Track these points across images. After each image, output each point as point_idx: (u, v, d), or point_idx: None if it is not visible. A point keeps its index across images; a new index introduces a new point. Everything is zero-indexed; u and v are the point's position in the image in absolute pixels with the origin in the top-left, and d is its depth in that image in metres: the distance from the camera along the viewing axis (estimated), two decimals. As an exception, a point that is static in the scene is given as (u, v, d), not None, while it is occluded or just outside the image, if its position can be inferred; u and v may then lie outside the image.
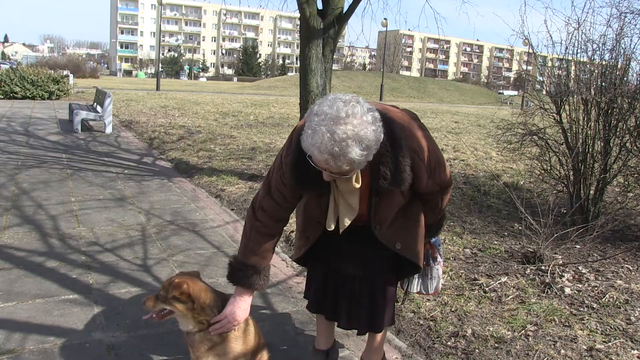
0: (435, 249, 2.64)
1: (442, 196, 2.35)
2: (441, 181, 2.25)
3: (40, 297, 3.51)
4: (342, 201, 2.19)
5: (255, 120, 16.39)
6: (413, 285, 2.66)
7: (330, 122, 1.81)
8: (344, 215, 2.20)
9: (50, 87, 21.65)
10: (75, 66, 50.32)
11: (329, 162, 1.85)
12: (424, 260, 2.56)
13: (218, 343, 2.30)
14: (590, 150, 5.44)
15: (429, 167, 2.15)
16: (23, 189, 6.45)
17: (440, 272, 2.67)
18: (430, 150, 2.15)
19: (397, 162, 2.03)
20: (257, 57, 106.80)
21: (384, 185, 2.06)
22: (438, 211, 2.42)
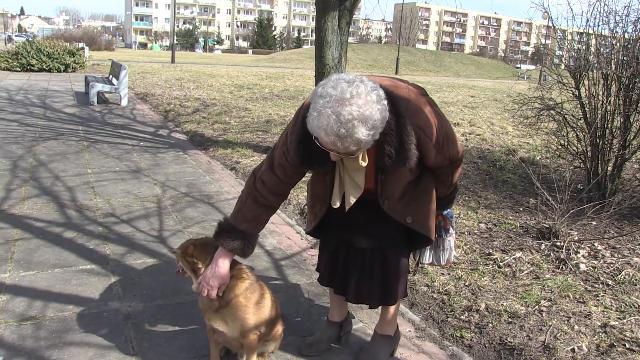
0: (448, 221, 2.63)
1: (453, 170, 2.34)
2: (451, 155, 2.24)
3: (59, 266, 3.57)
4: (348, 179, 2.18)
5: (271, 93, 16.34)
6: (425, 256, 2.68)
7: (335, 103, 1.80)
8: (349, 193, 2.20)
9: (66, 59, 21.70)
10: (90, 39, 50.23)
11: (336, 143, 1.85)
12: (436, 232, 2.58)
13: (223, 307, 2.33)
14: (609, 126, 5.36)
15: (436, 143, 2.14)
16: (41, 160, 6.52)
17: (452, 244, 2.67)
18: (438, 126, 2.13)
19: (401, 140, 2.02)
20: (272, 29, 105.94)
21: (389, 164, 2.06)
22: (449, 184, 2.42)
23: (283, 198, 2.39)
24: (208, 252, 2.35)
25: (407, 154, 2.03)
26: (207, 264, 2.33)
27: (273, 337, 2.53)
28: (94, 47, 46.58)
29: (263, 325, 2.41)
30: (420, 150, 2.10)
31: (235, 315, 2.34)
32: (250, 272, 2.46)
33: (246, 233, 2.34)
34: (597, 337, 2.96)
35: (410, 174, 2.24)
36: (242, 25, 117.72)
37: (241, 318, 2.34)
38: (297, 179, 2.33)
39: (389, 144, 2.02)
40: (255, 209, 2.33)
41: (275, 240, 4.34)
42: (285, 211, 5.18)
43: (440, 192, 2.43)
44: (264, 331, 2.43)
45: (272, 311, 2.47)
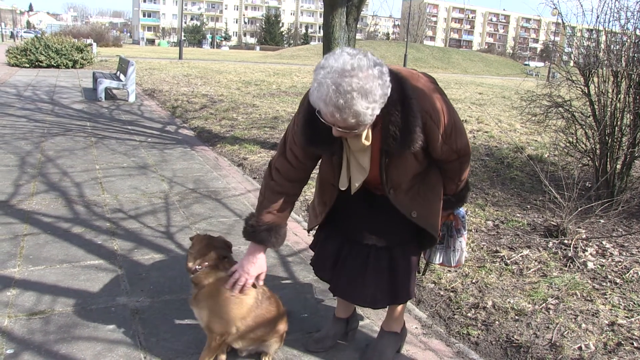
0: (459, 221, 2.59)
1: (461, 165, 2.29)
2: (458, 148, 2.19)
3: (67, 262, 3.59)
4: (354, 161, 2.18)
5: (278, 89, 16.34)
6: (435, 257, 2.65)
7: (336, 74, 1.79)
8: (354, 177, 2.20)
9: (74, 55, 21.81)
10: (98, 35, 50.42)
11: (335, 115, 1.84)
12: (448, 233, 2.58)
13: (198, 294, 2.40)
14: (619, 124, 5.32)
15: (444, 132, 2.10)
16: (49, 156, 6.55)
17: (463, 245, 2.63)
18: (446, 115, 2.10)
19: (407, 122, 1.99)
20: (279, 26, 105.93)
21: (393, 146, 2.04)
22: (457, 181, 2.37)
23: (300, 184, 2.39)
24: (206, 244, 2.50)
25: (412, 136, 2.00)
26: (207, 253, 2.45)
27: (273, 337, 2.52)
28: (102, 44, 46.76)
29: (236, 322, 2.38)
30: (427, 136, 2.06)
31: (203, 304, 2.38)
32: (232, 266, 2.45)
33: (271, 224, 2.37)
34: (604, 336, 2.95)
35: (416, 162, 2.18)
36: (249, 21, 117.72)
37: (207, 308, 2.37)
38: (308, 164, 2.32)
39: (393, 125, 2.00)
40: (275, 199, 2.35)
41: (282, 236, 4.34)
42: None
43: (448, 190, 2.40)
44: (248, 329, 2.41)
45: (259, 310, 2.43)
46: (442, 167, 2.30)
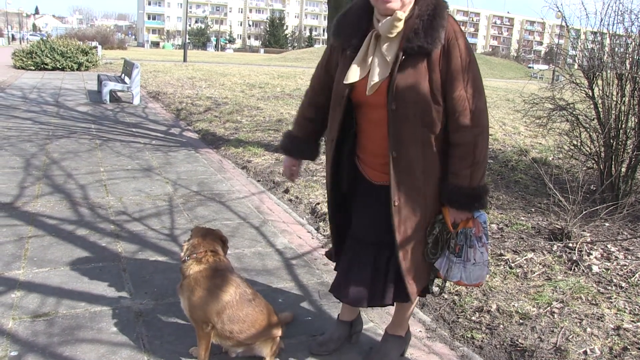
0: (480, 227, 2.29)
1: (475, 139, 2.15)
2: (474, 104, 2.13)
3: (71, 264, 3.60)
4: (378, 56, 2.16)
5: (282, 92, 16.35)
6: (452, 272, 2.34)
7: None
8: (373, 73, 2.15)
9: (79, 58, 21.87)
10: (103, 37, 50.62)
11: None
12: (467, 242, 2.31)
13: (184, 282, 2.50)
14: (624, 127, 5.30)
15: (462, 64, 2.10)
16: (53, 158, 6.57)
17: (485, 257, 2.32)
18: (469, 52, 2.13)
19: (433, 23, 2.08)
20: (284, 28, 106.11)
21: (415, 42, 2.07)
22: (471, 163, 2.17)
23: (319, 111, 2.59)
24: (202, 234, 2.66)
25: (434, 34, 2.06)
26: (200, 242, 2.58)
27: (262, 342, 2.52)
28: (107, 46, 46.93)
29: (212, 316, 2.41)
30: (447, 53, 2.10)
31: (184, 294, 2.47)
32: (215, 259, 2.52)
33: (297, 135, 2.68)
34: (610, 340, 2.94)
35: (427, 84, 2.11)
36: (254, 24, 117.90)
37: (188, 299, 2.45)
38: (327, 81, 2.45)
39: (421, 20, 2.09)
40: (304, 110, 2.67)
41: (287, 239, 4.35)
42: (297, 210, 5.19)
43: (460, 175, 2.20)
44: (226, 328, 2.42)
45: (237, 311, 2.43)
46: (454, 138, 2.18)
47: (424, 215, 2.29)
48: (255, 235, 4.40)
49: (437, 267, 2.38)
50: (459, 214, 2.26)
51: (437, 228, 2.32)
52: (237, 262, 3.78)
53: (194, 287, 2.44)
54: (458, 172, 2.19)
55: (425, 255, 2.35)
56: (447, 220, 2.29)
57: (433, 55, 2.09)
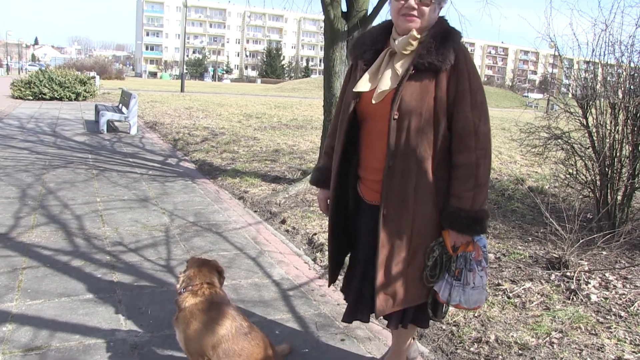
0: (480, 251, 2.30)
1: (478, 160, 2.18)
2: (477, 126, 2.18)
3: (66, 295, 3.56)
4: (391, 68, 2.27)
5: (279, 122, 16.44)
6: (452, 296, 2.32)
7: None
8: (383, 83, 2.25)
9: (77, 88, 22.02)
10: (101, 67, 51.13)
11: None
12: (467, 266, 2.30)
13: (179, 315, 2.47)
14: (618, 155, 5.34)
15: (469, 79, 2.19)
16: (50, 188, 6.56)
17: (484, 281, 2.33)
18: (477, 77, 2.21)
19: (445, 43, 2.18)
20: (280, 59, 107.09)
21: (426, 58, 2.17)
22: (473, 185, 2.19)
23: None
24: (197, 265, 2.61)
25: (444, 53, 2.16)
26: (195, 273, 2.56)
27: None
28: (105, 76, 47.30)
29: (207, 350, 2.37)
30: (455, 74, 2.18)
31: (180, 327, 2.45)
32: (211, 292, 2.50)
33: (322, 166, 2.69)
34: (610, 371, 2.90)
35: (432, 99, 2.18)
36: (251, 54, 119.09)
37: (184, 332, 2.42)
38: None
39: (433, 39, 2.20)
40: (329, 141, 2.62)
41: (284, 270, 4.32)
42: (293, 241, 5.17)
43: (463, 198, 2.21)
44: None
45: (233, 345, 2.40)
46: (457, 159, 2.21)
47: (410, 234, 2.29)
48: (251, 266, 4.38)
49: (437, 290, 2.37)
50: (460, 237, 2.25)
51: (436, 251, 2.31)
52: (234, 293, 3.75)
53: (190, 320, 2.41)
54: (460, 194, 2.21)
55: (425, 278, 2.33)
56: (447, 243, 2.29)
57: (442, 74, 2.18)
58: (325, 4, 6.66)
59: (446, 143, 2.23)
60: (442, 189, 2.26)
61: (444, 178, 2.26)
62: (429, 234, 2.30)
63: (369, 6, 6.88)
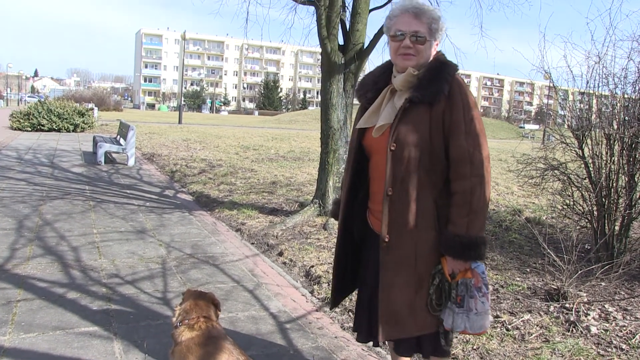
0: (479, 278, 2.31)
1: (473, 187, 2.22)
2: (472, 153, 2.23)
3: (61, 328, 3.52)
4: (389, 106, 2.37)
5: (276, 154, 16.50)
6: (456, 323, 2.32)
7: None
8: (384, 118, 2.35)
9: (75, 119, 22.15)
10: (100, 99, 51.38)
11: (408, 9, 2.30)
12: (468, 293, 2.30)
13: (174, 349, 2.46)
14: (615, 185, 5.35)
15: (463, 108, 2.25)
16: (46, 220, 6.53)
17: (487, 307, 2.33)
18: (472, 105, 2.27)
19: (439, 76, 2.27)
20: (278, 91, 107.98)
21: (420, 91, 2.26)
22: (468, 212, 2.23)
23: None
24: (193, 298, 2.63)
25: (438, 85, 2.25)
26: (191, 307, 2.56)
27: None
28: (103, 108, 47.56)
29: None
30: (449, 102, 2.24)
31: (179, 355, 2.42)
32: (207, 325, 2.48)
33: (339, 200, 2.70)
34: (611, 404, 2.86)
35: (427, 130, 2.25)
36: (248, 86, 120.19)
37: None
38: None
39: (428, 72, 2.30)
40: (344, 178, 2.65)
41: (281, 302, 4.29)
42: (291, 273, 5.14)
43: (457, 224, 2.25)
44: None
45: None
46: (453, 187, 2.26)
47: (414, 261, 2.31)
48: (249, 298, 4.35)
49: (442, 318, 2.35)
50: (456, 263, 2.27)
51: (437, 278, 2.32)
52: (231, 326, 3.71)
53: (186, 355, 2.39)
54: (455, 220, 2.25)
55: (430, 307, 2.33)
56: (445, 270, 2.31)
57: (436, 105, 2.25)
58: (322, 37, 6.76)
59: (445, 172, 2.29)
60: (442, 216, 2.31)
61: (446, 205, 2.29)
62: (434, 260, 2.33)
63: (365, 40, 6.98)
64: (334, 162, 6.95)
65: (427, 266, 2.32)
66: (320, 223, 6.73)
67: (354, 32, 6.90)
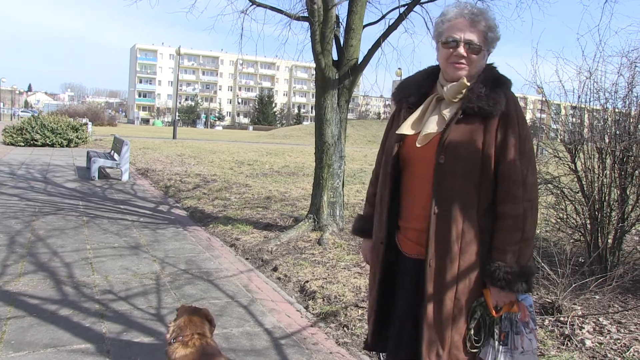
0: (526, 311, 2.08)
1: (525, 213, 2.05)
2: (525, 177, 2.07)
3: (52, 346, 3.49)
4: (435, 114, 2.19)
5: (271, 169, 16.50)
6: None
7: None
8: (428, 127, 2.16)
9: (69, 134, 22.10)
10: (94, 114, 51.37)
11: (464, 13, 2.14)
12: (513, 329, 2.10)
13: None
14: (607, 199, 5.38)
15: (518, 126, 2.10)
16: (39, 235, 6.50)
17: (534, 345, 2.09)
18: (526, 127, 2.13)
19: (496, 89, 2.12)
20: (272, 106, 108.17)
21: (476, 103, 2.09)
22: (519, 238, 2.05)
23: None
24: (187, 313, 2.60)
25: (495, 98, 2.08)
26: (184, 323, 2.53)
27: None
28: (97, 123, 47.47)
29: None
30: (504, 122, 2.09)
31: None
32: (202, 343, 2.45)
33: (366, 216, 2.55)
34: (607, 419, 2.86)
35: (478, 147, 2.08)
36: (243, 101, 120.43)
37: None
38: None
39: (484, 84, 2.13)
40: (373, 189, 2.50)
41: (275, 318, 4.27)
42: (285, 289, 5.12)
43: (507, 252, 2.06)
44: None
45: None
46: (503, 210, 2.08)
47: (455, 289, 2.10)
48: (243, 314, 4.32)
49: (482, 357, 2.11)
50: (502, 295, 2.06)
51: (478, 312, 2.10)
52: (225, 342, 3.69)
53: None
54: (504, 247, 2.06)
55: (469, 343, 2.11)
56: (488, 303, 2.07)
57: (491, 119, 2.09)
58: (316, 52, 6.80)
59: (491, 192, 2.11)
60: (485, 241, 2.11)
61: (488, 230, 2.11)
62: (475, 290, 2.11)
63: (359, 55, 7.03)
64: (329, 177, 6.96)
65: (466, 297, 2.10)
66: (315, 238, 6.72)
67: (348, 47, 6.94)
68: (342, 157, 7.06)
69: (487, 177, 2.09)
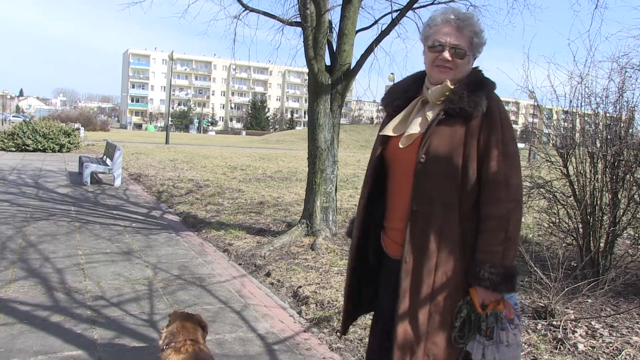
0: (511, 309, 2.17)
1: (509, 213, 2.07)
2: (507, 177, 2.09)
3: (43, 353, 3.46)
4: (419, 116, 2.23)
5: (264, 174, 16.48)
6: (486, 356, 2.15)
7: None
8: (413, 127, 2.21)
9: (61, 139, 22.00)
10: (86, 119, 51.21)
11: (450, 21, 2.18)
12: (499, 325, 2.16)
13: None
14: (599, 203, 5.41)
15: (501, 128, 2.12)
16: (30, 241, 6.46)
17: (519, 339, 2.19)
18: (508, 126, 2.15)
19: (478, 91, 2.15)
20: (265, 111, 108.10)
21: (457, 104, 2.12)
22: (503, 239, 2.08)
23: None
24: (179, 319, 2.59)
25: (477, 100, 2.11)
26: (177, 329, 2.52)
27: None
28: (90, 128, 47.34)
29: None
30: (487, 120, 2.12)
31: None
32: (194, 349, 2.44)
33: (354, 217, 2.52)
34: (600, 423, 2.86)
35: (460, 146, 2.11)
36: (236, 106, 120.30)
37: None
38: None
39: (466, 87, 2.16)
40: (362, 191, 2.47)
41: (268, 323, 4.26)
42: (278, 294, 5.11)
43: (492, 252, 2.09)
44: None
45: None
46: (487, 211, 2.10)
47: (431, 287, 2.13)
48: (236, 319, 4.31)
49: (469, 350, 2.18)
50: (489, 294, 2.10)
51: (464, 310, 2.14)
52: (218, 348, 3.67)
53: None
54: (489, 248, 2.09)
55: (453, 340, 2.15)
56: (474, 301, 2.13)
57: (473, 121, 2.11)
58: (309, 58, 6.81)
59: (474, 193, 2.13)
60: (469, 242, 2.14)
61: (472, 231, 2.14)
62: (454, 290, 2.14)
63: (352, 60, 7.05)
64: (322, 182, 6.96)
65: (446, 295, 2.13)
66: (308, 243, 6.71)
67: (340, 52, 6.96)
68: (335, 162, 7.07)
69: (469, 178, 2.12)
